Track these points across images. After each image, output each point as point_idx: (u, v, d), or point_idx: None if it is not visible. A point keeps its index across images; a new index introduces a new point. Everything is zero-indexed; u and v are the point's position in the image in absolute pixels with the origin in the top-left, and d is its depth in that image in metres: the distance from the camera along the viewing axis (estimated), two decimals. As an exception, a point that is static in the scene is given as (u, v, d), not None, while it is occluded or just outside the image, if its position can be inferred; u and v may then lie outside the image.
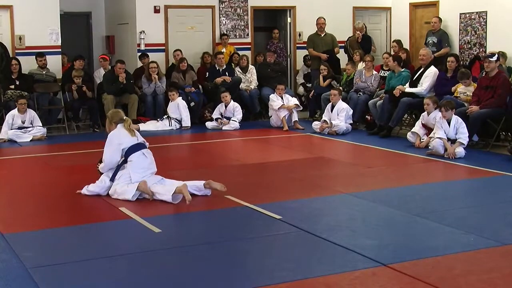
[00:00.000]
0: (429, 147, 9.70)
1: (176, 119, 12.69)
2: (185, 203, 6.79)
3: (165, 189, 7.00)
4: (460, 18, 13.98)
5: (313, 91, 13.67)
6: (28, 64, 12.82)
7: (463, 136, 9.43)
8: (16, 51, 12.95)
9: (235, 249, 5.56)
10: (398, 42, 13.96)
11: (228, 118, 12.72)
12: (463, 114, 9.89)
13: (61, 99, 12.94)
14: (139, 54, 13.92)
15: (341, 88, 12.74)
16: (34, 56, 12.84)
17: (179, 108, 12.67)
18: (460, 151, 9.33)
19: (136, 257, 5.34)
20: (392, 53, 13.53)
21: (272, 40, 15.54)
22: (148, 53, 13.85)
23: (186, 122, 12.70)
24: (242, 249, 5.58)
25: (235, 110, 12.82)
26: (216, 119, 12.79)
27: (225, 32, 14.72)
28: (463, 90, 10.65)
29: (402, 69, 11.88)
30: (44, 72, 12.92)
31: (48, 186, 8.02)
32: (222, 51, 14.24)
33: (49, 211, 6.81)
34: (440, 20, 13.80)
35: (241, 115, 12.88)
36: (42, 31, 13.16)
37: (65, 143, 11.43)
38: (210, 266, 5.13)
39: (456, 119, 9.53)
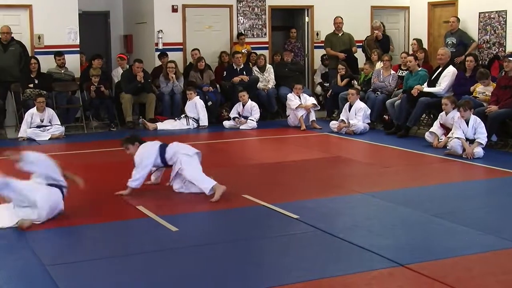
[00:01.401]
0: (447, 147, 9.64)
1: (193, 118, 12.71)
2: (202, 202, 6.82)
3: (205, 178, 7.08)
4: (479, 17, 13.87)
5: (330, 90, 13.64)
6: (47, 63, 12.91)
7: (482, 136, 9.37)
8: (35, 50, 13.03)
9: (252, 248, 5.57)
10: (418, 41, 13.85)
11: (246, 118, 12.72)
12: (482, 114, 9.82)
13: (79, 98, 13.00)
14: (159, 53, 13.96)
15: (359, 87, 12.70)
16: (53, 55, 12.93)
17: (196, 107, 12.69)
18: (478, 151, 9.27)
19: (153, 256, 5.36)
20: (411, 52, 13.47)
21: (289, 39, 15.53)
22: (167, 52, 13.88)
23: (204, 121, 12.71)
24: (259, 248, 5.59)
25: (253, 110, 12.82)
26: (234, 118, 12.79)
27: (243, 32, 14.73)
28: (482, 90, 10.57)
29: (420, 69, 11.82)
30: (62, 71, 13.00)
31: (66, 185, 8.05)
32: (243, 51, 14.21)
33: (67, 209, 6.83)
34: (458, 20, 13.68)
35: (259, 115, 12.88)
36: (61, 30, 13.24)
37: (83, 141, 11.48)
38: (227, 265, 5.14)
39: (474, 119, 9.47)
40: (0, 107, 12.25)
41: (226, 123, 12.82)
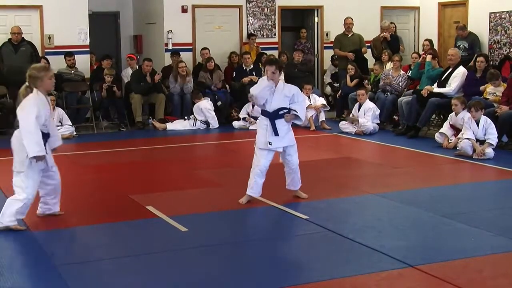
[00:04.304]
0: (457, 148, 9.61)
1: (201, 120, 12.69)
2: (212, 202, 6.83)
3: None
4: (490, 17, 13.82)
5: (340, 91, 13.62)
6: (57, 64, 12.96)
7: (492, 136, 9.32)
8: (45, 50, 13.08)
9: (262, 249, 5.56)
10: (430, 41, 13.80)
11: (255, 118, 12.72)
12: (492, 115, 9.79)
13: (89, 98, 13.04)
14: (170, 52, 13.97)
15: (369, 87, 12.68)
16: (63, 56, 12.97)
17: (202, 111, 12.66)
18: (489, 151, 9.23)
19: (163, 256, 5.36)
20: (421, 52, 13.43)
21: (300, 39, 15.52)
22: (180, 52, 13.89)
23: (214, 124, 12.67)
24: (268, 249, 5.58)
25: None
26: (243, 119, 12.80)
27: (253, 32, 14.72)
28: (492, 90, 10.54)
29: (438, 67, 11.79)
30: (72, 72, 13.04)
31: (77, 185, 8.09)
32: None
33: (78, 210, 6.87)
34: (465, 27, 13.57)
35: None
36: (71, 31, 13.28)
37: (93, 142, 11.52)
38: (237, 265, 5.14)
39: (485, 120, 9.43)
40: (10, 107, 12.27)
41: (236, 124, 12.82)
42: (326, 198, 7.12)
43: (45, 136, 6.06)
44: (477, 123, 9.43)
